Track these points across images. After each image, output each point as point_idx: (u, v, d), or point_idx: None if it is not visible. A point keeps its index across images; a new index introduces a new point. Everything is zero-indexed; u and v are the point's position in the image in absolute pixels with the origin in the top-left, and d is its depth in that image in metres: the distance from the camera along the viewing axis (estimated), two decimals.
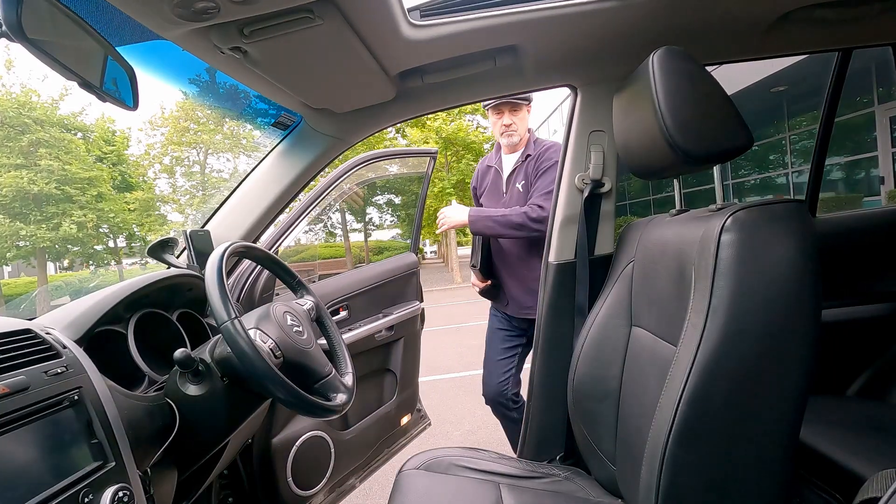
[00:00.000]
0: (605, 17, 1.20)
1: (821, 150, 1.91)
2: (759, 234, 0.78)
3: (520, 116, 2.14)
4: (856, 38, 1.44)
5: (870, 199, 8.78)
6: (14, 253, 15.15)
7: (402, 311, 1.99)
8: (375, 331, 1.87)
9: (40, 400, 0.67)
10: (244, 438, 1.26)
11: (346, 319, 1.85)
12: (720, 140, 0.89)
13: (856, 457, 1.16)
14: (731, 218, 0.79)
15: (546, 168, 2.02)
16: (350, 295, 1.85)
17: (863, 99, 8.57)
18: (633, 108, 1.03)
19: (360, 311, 1.88)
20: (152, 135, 19.37)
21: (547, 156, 2.05)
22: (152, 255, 1.31)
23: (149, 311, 1.10)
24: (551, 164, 2.01)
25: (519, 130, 2.13)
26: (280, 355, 0.95)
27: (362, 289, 1.90)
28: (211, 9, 0.87)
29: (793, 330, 0.77)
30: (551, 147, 2.08)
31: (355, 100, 1.43)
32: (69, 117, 15.70)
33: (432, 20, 1.18)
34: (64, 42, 0.77)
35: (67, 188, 14.64)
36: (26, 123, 14.19)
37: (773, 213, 0.79)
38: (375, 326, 1.87)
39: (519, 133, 2.13)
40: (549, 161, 2.03)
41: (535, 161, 2.07)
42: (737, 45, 1.38)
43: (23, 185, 13.95)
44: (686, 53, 0.94)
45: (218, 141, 19.68)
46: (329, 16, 0.96)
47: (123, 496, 0.69)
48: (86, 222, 14.97)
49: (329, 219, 12.99)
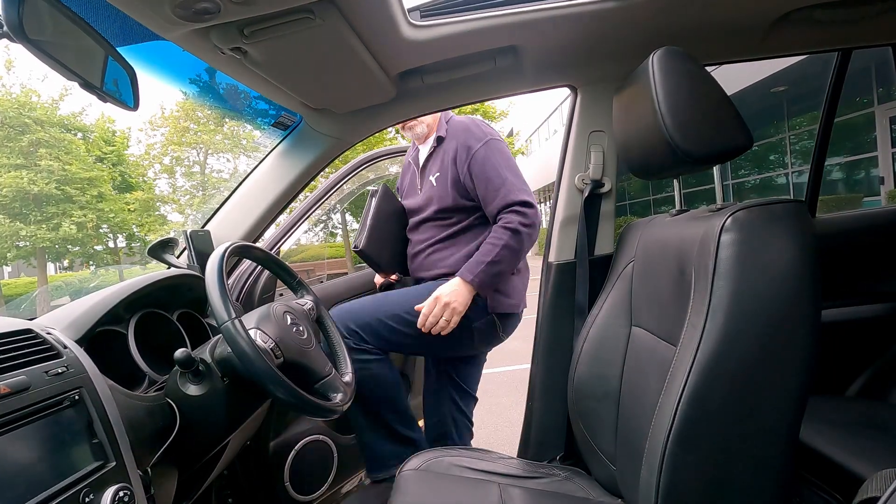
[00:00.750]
0: (605, 17, 1.20)
1: (820, 151, 1.91)
2: (758, 233, 0.78)
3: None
4: (855, 38, 1.44)
5: (870, 200, 8.78)
6: (14, 253, 15.16)
7: None
8: None
9: (41, 400, 0.67)
10: (244, 438, 1.26)
11: None
12: (720, 140, 0.89)
13: (856, 457, 1.16)
14: (731, 218, 0.79)
15: (479, 157, 1.56)
16: (354, 296, 1.85)
17: (863, 99, 8.58)
18: (633, 108, 1.03)
19: None
20: (152, 135, 19.36)
21: (465, 139, 1.60)
22: (152, 255, 1.32)
23: (149, 311, 1.10)
24: (481, 145, 1.57)
25: (423, 118, 1.72)
26: (280, 355, 0.96)
27: (367, 290, 1.90)
28: (211, 9, 0.87)
29: (793, 330, 0.77)
30: (470, 125, 1.65)
31: (355, 100, 1.43)
32: (69, 117, 15.70)
33: (432, 20, 1.18)
34: (65, 43, 0.77)
35: (67, 188, 14.64)
36: (26, 123, 14.19)
37: (772, 213, 0.79)
38: None
39: (424, 120, 1.72)
40: (477, 142, 1.58)
41: (453, 145, 1.63)
42: (736, 45, 1.39)
43: (23, 185, 13.95)
44: (686, 54, 0.94)
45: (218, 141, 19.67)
46: (329, 16, 0.96)
47: (124, 496, 0.69)
48: (86, 222, 14.97)
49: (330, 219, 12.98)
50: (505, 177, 1.54)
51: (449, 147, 1.63)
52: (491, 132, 1.58)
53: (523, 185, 1.56)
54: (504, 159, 1.56)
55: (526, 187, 1.56)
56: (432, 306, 1.48)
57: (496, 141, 1.57)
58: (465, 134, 1.61)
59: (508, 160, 1.58)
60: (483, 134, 1.58)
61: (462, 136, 1.60)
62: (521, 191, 1.54)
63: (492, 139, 1.56)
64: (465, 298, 1.50)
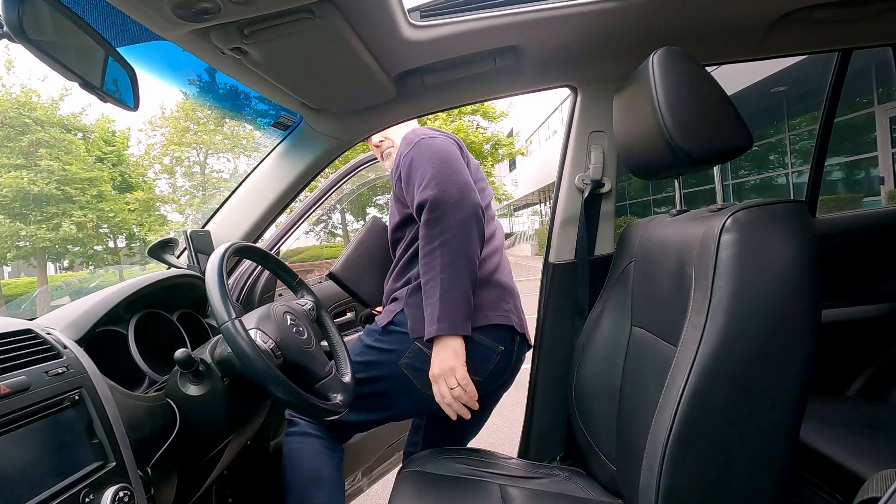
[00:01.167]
0: (605, 17, 1.20)
1: (820, 151, 1.91)
2: (758, 234, 0.78)
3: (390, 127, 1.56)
4: (855, 38, 1.44)
5: (870, 200, 8.78)
6: (14, 253, 15.17)
7: None
8: None
9: (41, 400, 0.67)
10: (245, 439, 1.26)
11: (353, 321, 1.84)
12: (720, 140, 0.89)
13: (856, 457, 1.16)
14: (731, 218, 0.80)
15: (405, 163, 1.32)
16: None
17: (863, 99, 8.58)
18: (633, 108, 1.03)
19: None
20: (152, 135, 19.38)
21: (400, 150, 1.38)
22: (152, 255, 1.32)
23: (149, 312, 1.10)
24: (410, 148, 1.32)
25: (396, 141, 1.53)
26: (280, 355, 0.96)
27: None
28: (211, 9, 0.87)
29: (793, 330, 0.77)
30: (408, 134, 1.40)
31: (355, 100, 1.43)
32: (69, 118, 15.71)
33: (432, 21, 1.18)
34: (65, 43, 0.77)
35: (67, 188, 14.64)
36: (26, 124, 14.20)
37: (772, 214, 0.79)
38: None
39: (392, 142, 1.56)
40: (407, 146, 1.34)
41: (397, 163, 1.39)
42: (736, 45, 1.39)
43: (23, 185, 13.96)
44: (686, 54, 0.94)
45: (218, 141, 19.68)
46: (329, 16, 0.96)
47: (124, 496, 0.69)
48: (86, 222, 14.98)
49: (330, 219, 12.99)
50: (422, 175, 1.25)
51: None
52: (427, 133, 1.35)
53: (439, 175, 1.23)
54: (430, 154, 1.28)
55: (441, 177, 1.22)
56: (440, 392, 1.20)
57: (429, 139, 1.32)
58: (402, 145, 1.38)
59: (435, 153, 1.28)
60: (415, 136, 1.35)
61: (399, 149, 1.39)
62: (426, 186, 1.22)
63: (424, 139, 1.32)
64: (454, 353, 1.18)
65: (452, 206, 1.19)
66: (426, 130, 1.38)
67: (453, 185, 1.21)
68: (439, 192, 1.19)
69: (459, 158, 1.30)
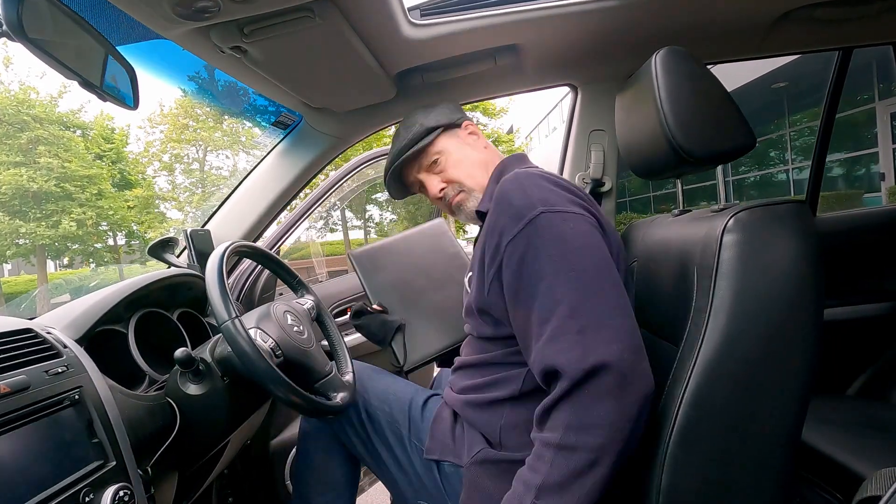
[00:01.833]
0: (606, 16, 1.20)
1: (821, 148, 1.90)
2: (760, 234, 0.78)
3: (443, 166, 1.10)
4: (856, 37, 1.44)
5: (870, 196, 8.79)
6: (14, 251, 15.15)
7: None
8: None
9: (41, 399, 0.67)
10: (244, 438, 1.26)
11: None
12: (722, 141, 0.89)
13: (856, 457, 1.16)
14: (733, 219, 0.79)
15: (513, 254, 0.83)
16: (358, 295, 1.84)
17: (863, 95, 8.57)
18: (636, 107, 1.03)
19: None
20: (151, 132, 19.35)
21: (500, 216, 0.86)
22: (153, 254, 1.31)
23: (149, 311, 1.10)
24: (521, 227, 0.82)
25: (465, 181, 1.08)
26: (280, 355, 0.95)
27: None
28: (211, 8, 0.87)
29: (795, 330, 0.77)
30: (512, 190, 0.86)
31: (355, 99, 1.43)
32: (68, 115, 15.68)
33: (432, 19, 1.18)
34: (64, 41, 0.77)
35: (67, 186, 14.62)
36: (25, 121, 14.18)
37: (774, 214, 0.79)
38: None
39: (467, 184, 1.08)
40: (515, 223, 0.83)
41: (489, 224, 0.90)
42: (737, 44, 1.38)
43: (22, 182, 13.94)
44: (689, 54, 0.93)
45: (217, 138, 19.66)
46: (329, 15, 0.96)
47: (124, 496, 0.69)
48: (85, 220, 14.97)
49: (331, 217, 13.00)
50: (550, 303, 0.77)
51: (487, 225, 0.91)
52: (546, 198, 0.83)
53: (585, 313, 0.75)
54: (561, 254, 0.79)
55: (590, 318, 0.75)
56: None
57: (553, 213, 0.81)
58: (502, 205, 0.86)
59: (570, 254, 0.79)
60: (531, 204, 0.82)
61: (497, 210, 0.87)
62: (560, 334, 0.75)
63: (545, 213, 0.81)
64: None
65: (613, 388, 0.71)
66: (537, 179, 0.87)
67: (612, 337, 0.73)
68: (587, 352, 0.72)
69: (611, 265, 0.81)
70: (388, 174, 1.15)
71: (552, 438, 0.74)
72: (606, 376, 0.71)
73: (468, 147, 1.12)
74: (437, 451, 1.01)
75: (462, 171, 1.09)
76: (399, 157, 1.10)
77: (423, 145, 1.09)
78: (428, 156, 1.11)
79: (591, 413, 0.71)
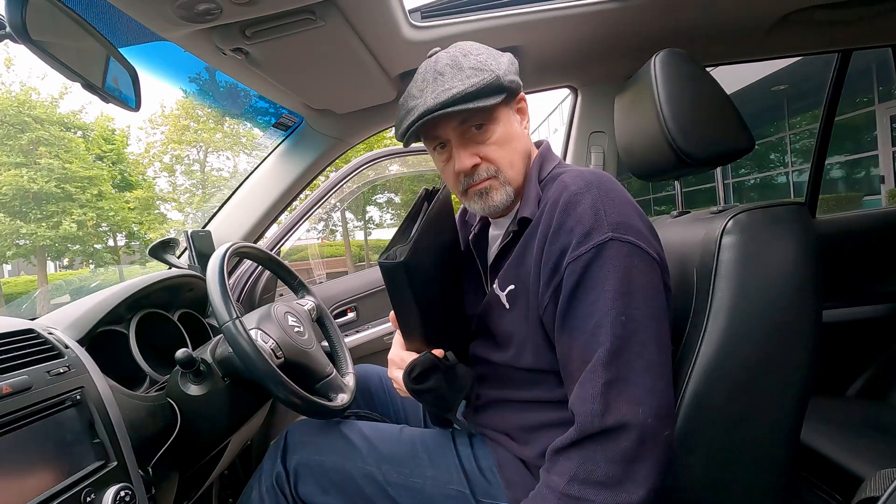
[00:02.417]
0: (606, 18, 1.20)
1: (821, 151, 1.91)
2: (759, 236, 0.78)
3: (488, 136, 0.84)
4: (855, 39, 1.44)
5: (870, 199, 8.79)
6: (14, 251, 15.15)
7: None
8: (384, 332, 1.87)
9: (42, 400, 0.67)
10: (245, 438, 1.26)
11: (354, 321, 1.84)
12: (722, 143, 0.89)
13: (856, 457, 1.16)
14: (732, 220, 0.80)
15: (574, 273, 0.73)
16: (358, 296, 1.84)
17: (863, 98, 8.58)
18: (635, 109, 1.03)
19: (368, 313, 1.87)
20: (152, 133, 19.33)
21: (562, 226, 0.75)
22: (153, 255, 1.32)
23: (150, 312, 1.10)
24: (590, 247, 0.72)
25: (504, 168, 0.86)
26: (281, 355, 0.96)
27: (371, 290, 1.89)
28: (213, 10, 0.87)
29: (794, 331, 0.77)
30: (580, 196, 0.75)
31: (356, 101, 1.43)
32: (69, 116, 15.67)
33: (433, 21, 1.18)
34: (67, 43, 0.77)
35: (67, 186, 14.62)
36: (26, 122, 14.18)
37: (774, 216, 0.79)
38: (384, 328, 1.87)
39: (506, 173, 0.86)
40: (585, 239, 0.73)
41: (542, 235, 0.79)
42: (737, 46, 1.39)
43: (23, 183, 13.94)
44: (688, 56, 0.94)
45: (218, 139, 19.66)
46: (330, 17, 0.96)
47: (125, 496, 0.69)
48: (86, 221, 14.96)
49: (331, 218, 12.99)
50: (597, 339, 0.70)
51: (540, 234, 0.79)
52: (618, 222, 0.73)
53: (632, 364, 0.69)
54: (619, 292, 0.71)
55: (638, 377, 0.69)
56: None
57: (622, 245, 0.72)
58: (569, 218, 0.75)
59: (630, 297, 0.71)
60: (600, 226, 0.73)
61: (560, 221, 0.76)
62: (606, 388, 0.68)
63: (615, 240, 0.72)
64: None
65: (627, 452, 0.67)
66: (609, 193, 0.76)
67: (639, 398, 0.68)
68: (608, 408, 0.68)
69: (664, 315, 0.75)
70: (420, 116, 0.80)
71: (556, 484, 0.69)
72: (623, 439, 0.67)
73: (517, 125, 0.88)
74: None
75: (504, 154, 0.85)
76: (453, 104, 0.78)
77: (492, 104, 0.79)
78: (482, 117, 0.82)
79: (599, 471, 0.67)
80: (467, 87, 0.78)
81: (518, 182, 0.88)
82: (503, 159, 0.85)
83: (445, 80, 0.80)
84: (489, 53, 0.84)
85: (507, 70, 0.83)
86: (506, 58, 0.86)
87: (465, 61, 0.81)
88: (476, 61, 0.81)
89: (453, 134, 0.84)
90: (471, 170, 0.85)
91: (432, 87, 0.80)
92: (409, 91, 0.85)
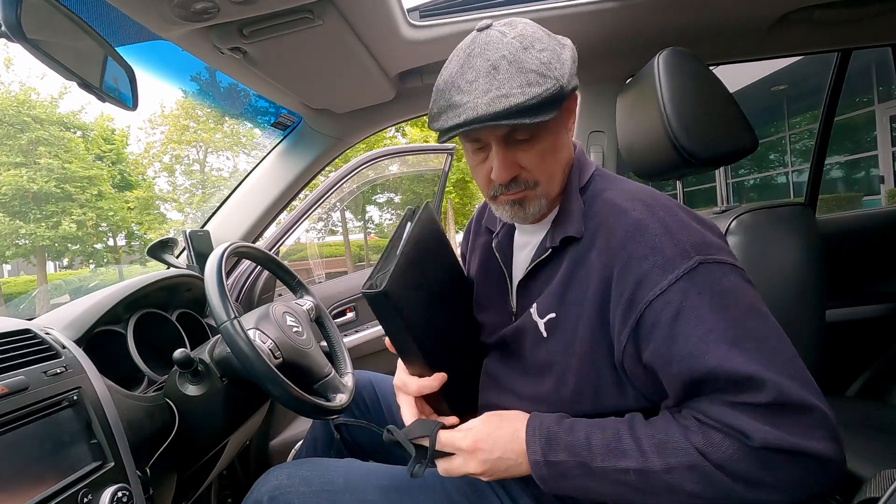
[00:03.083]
0: (605, 18, 1.20)
1: (820, 151, 1.91)
2: (763, 236, 0.78)
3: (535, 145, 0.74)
4: (855, 38, 1.44)
5: (870, 199, 8.78)
6: (14, 251, 15.15)
7: None
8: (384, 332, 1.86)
9: (39, 400, 0.67)
10: (243, 439, 1.26)
11: (354, 321, 1.84)
12: (725, 142, 0.89)
13: (856, 457, 1.16)
14: (736, 220, 0.79)
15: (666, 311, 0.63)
16: (358, 296, 1.84)
17: (863, 98, 8.57)
18: (638, 108, 1.03)
19: (368, 313, 1.87)
20: (152, 133, 19.34)
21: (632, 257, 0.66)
22: (152, 255, 1.31)
23: (148, 312, 1.10)
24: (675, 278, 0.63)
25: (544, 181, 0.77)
26: (279, 356, 0.95)
27: None
28: (210, 9, 0.87)
29: (797, 331, 0.77)
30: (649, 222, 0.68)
31: (355, 100, 1.43)
32: (69, 115, 15.67)
33: (432, 21, 1.18)
34: (63, 42, 0.77)
35: (67, 186, 14.62)
36: (26, 122, 14.18)
37: (777, 216, 0.79)
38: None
39: (545, 187, 0.77)
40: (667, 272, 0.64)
41: (601, 260, 0.70)
42: (736, 46, 1.38)
43: (22, 183, 13.94)
44: (692, 55, 0.93)
45: (218, 139, 19.66)
46: (329, 16, 0.96)
47: (122, 496, 0.69)
48: (85, 221, 14.96)
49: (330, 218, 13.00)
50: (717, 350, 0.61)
51: (594, 262, 0.72)
52: (699, 243, 0.66)
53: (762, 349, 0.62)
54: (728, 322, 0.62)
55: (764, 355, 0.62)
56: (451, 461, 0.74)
57: (712, 266, 0.65)
58: (640, 245, 0.67)
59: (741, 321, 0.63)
60: (683, 251, 0.65)
61: (630, 249, 0.67)
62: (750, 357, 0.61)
63: (704, 263, 0.64)
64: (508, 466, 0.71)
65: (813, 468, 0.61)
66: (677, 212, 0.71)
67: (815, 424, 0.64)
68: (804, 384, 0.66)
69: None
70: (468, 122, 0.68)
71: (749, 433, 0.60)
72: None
73: (565, 133, 0.80)
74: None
75: (547, 167, 0.76)
76: (507, 117, 0.67)
77: (549, 118, 0.69)
78: (534, 127, 0.71)
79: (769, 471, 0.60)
80: (528, 99, 0.67)
81: (555, 193, 0.79)
82: (545, 172, 0.76)
83: (502, 82, 0.67)
84: (552, 48, 0.72)
85: (570, 74, 0.72)
86: (568, 52, 0.74)
87: (527, 59, 0.68)
88: (539, 61, 0.69)
89: (495, 138, 0.73)
90: (509, 177, 0.75)
91: (485, 86, 0.68)
92: (451, 73, 0.72)
